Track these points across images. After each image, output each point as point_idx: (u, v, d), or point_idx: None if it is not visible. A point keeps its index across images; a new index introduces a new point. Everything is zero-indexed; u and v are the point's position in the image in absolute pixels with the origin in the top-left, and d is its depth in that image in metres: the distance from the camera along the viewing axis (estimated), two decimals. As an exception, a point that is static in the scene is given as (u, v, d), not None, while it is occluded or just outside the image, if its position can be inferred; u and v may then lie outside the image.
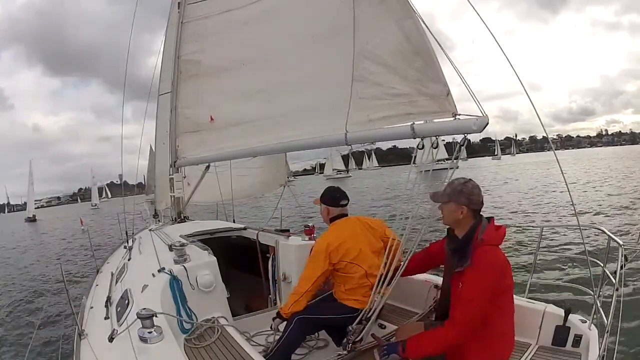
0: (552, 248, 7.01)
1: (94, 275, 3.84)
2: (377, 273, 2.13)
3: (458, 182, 1.83)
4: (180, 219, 4.92)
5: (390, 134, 2.14)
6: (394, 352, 1.81)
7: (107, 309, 2.40)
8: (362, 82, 2.17)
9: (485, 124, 1.70)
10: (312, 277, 2.21)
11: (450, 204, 1.82)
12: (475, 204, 1.79)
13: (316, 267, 2.21)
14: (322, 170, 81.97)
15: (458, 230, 1.85)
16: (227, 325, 2.26)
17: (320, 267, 2.21)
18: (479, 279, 1.64)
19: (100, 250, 9.12)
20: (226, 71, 3.54)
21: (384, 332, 2.42)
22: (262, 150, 3.28)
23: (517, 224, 10.23)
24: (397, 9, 2.01)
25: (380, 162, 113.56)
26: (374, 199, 22.12)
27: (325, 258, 2.20)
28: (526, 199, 16.38)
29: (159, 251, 2.88)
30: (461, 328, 1.65)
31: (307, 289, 2.21)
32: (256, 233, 3.43)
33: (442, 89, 1.90)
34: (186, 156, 4.17)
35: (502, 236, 1.78)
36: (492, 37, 1.75)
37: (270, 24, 3.09)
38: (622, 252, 2.07)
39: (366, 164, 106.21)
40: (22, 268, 12.27)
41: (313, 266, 2.24)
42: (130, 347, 1.68)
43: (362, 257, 2.22)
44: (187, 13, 3.83)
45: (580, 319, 2.05)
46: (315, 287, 2.23)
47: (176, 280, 2.29)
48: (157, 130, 6.37)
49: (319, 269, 2.20)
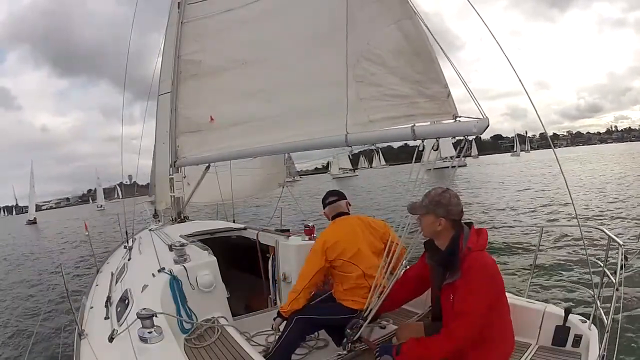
0: (552, 248, 7.01)
1: (94, 275, 3.85)
2: (375, 274, 2.14)
3: (435, 193, 1.77)
4: (180, 219, 4.93)
5: (391, 136, 2.14)
6: (387, 354, 1.79)
7: (107, 309, 2.40)
8: (362, 83, 2.17)
9: (485, 127, 1.69)
10: (309, 274, 2.23)
11: (428, 215, 1.77)
12: (454, 214, 1.74)
13: (313, 264, 2.23)
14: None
15: (439, 241, 1.81)
16: (227, 325, 2.26)
17: (317, 263, 2.22)
18: (474, 291, 1.61)
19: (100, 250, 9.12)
20: (226, 71, 3.54)
21: (384, 332, 2.42)
22: (262, 150, 3.28)
23: (517, 224, 10.22)
24: (397, 10, 2.01)
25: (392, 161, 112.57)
26: (372, 198, 22.10)
27: (321, 255, 2.22)
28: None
29: (159, 251, 2.88)
30: (458, 342, 1.62)
31: (304, 285, 2.22)
32: (256, 233, 3.43)
33: (443, 90, 1.90)
34: (186, 156, 4.17)
35: (485, 240, 1.75)
36: (492, 36, 1.74)
37: (270, 24, 3.09)
38: (622, 252, 2.07)
39: (375, 162, 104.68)
40: (22, 268, 12.28)
41: (309, 263, 2.26)
42: (130, 347, 1.68)
43: (359, 257, 2.22)
44: (187, 13, 3.83)
45: (580, 319, 2.04)
46: (312, 284, 2.24)
47: (176, 280, 2.30)
48: (157, 130, 6.37)
49: (316, 266, 2.22)
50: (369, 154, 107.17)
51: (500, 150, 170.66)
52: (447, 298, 1.70)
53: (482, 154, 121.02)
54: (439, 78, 1.92)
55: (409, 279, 2.13)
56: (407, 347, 1.73)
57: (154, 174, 6.91)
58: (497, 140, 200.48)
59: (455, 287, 1.66)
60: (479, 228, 1.80)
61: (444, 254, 1.76)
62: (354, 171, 73.35)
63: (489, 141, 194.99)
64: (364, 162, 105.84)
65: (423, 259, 2.05)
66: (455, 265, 1.68)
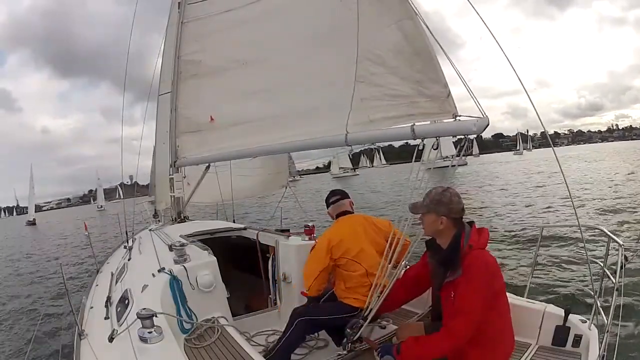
0: (552, 248, 7.01)
1: (94, 275, 3.85)
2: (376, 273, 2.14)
3: (436, 192, 1.79)
4: (180, 219, 4.93)
5: (391, 135, 2.14)
6: (388, 353, 1.80)
7: (107, 309, 2.40)
8: (362, 83, 2.17)
9: (485, 126, 1.70)
10: (313, 273, 2.24)
11: (429, 214, 1.79)
12: (456, 213, 1.76)
13: (318, 262, 2.24)
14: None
15: (440, 240, 1.82)
16: (227, 325, 2.26)
17: (322, 262, 2.22)
18: (473, 287, 1.62)
19: (100, 250, 9.12)
20: (226, 71, 3.54)
21: (384, 332, 2.42)
22: (262, 150, 3.28)
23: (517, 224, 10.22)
24: (397, 9, 2.01)
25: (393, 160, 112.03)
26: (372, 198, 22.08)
27: (327, 253, 2.22)
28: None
29: (159, 251, 2.88)
30: (457, 339, 1.63)
31: (310, 284, 2.24)
32: (256, 233, 3.43)
33: (443, 90, 1.91)
34: (186, 156, 4.17)
35: (486, 239, 1.77)
36: (492, 36, 1.75)
37: (270, 24, 3.09)
38: (622, 252, 2.07)
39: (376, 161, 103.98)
40: (22, 268, 12.29)
41: (314, 261, 2.26)
42: (130, 347, 1.68)
43: (363, 256, 2.23)
44: (187, 13, 3.83)
45: (580, 319, 2.04)
46: (318, 282, 2.25)
47: (176, 280, 2.30)
48: (157, 130, 6.37)
49: (321, 264, 2.22)
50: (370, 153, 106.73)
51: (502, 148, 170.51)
52: (448, 296, 1.70)
53: (484, 152, 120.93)
54: (439, 78, 1.92)
55: (409, 279, 2.13)
56: (406, 346, 1.74)
57: (154, 174, 6.91)
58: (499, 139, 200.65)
59: (456, 285, 1.67)
60: (480, 227, 1.81)
61: (446, 252, 1.77)
62: (354, 170, 72.75)
63: (491, 140, 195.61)
64: (365, 162, 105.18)
65: (423, 259, 2.06)
66: (457, 263, 1.69)
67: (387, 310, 2.23)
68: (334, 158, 60.97)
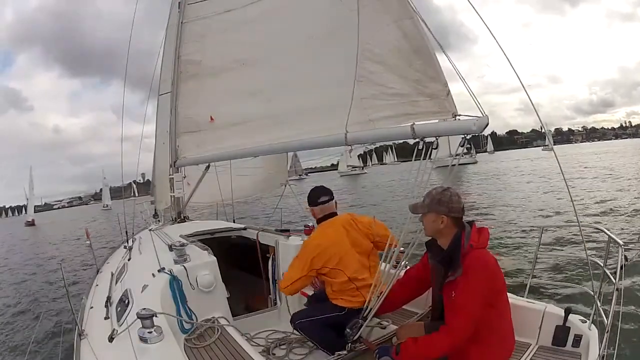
0: (552, 248, 7.00)
1: (94, 275, 3.85)
2: (362, 277, 2.17)
3: (436, 192, 1.79)
4: (180, 219, 4.93)
5: (391, 135, 2.14)
6: (386, 354, 1.80)
7: (107, 309, 2.40)
8: (362, 82, 2.17)
9: (485, 125, 1.70)
10: (291, 278, 2.24)
11: (430, 214, 1.79)
12: (456, 212, 1.76)
13: (297, 270, 2.24)
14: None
15: (441, 240, 1.82)
16: (227, 325, 2.26)
17: (302, 271, 2.22)
18: (472, 286, 1.62)
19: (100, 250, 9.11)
20: (226, 71, 3.54)
21: (384, 332, 2.42)
22: (262, 150, 3.28)
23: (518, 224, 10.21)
24: (396, 8, 2.01)
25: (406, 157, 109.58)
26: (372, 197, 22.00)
27: (308, 264, 2.21)
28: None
29: (159, 251, 2.88)
30: (456, 337, 1.63)
31: (286, 285, 2.26)
32: (256, 233, 3.43)
33: (442, 89, 1.91)
34: (186, 156, 4.17)
35: (487, 238, 1.77)
36: (492, 35, 1.74)
37: (270, 24, 3.09)
38: (622, 252, 2.07)
39: (388, 159, 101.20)
40: (22, 268, 12.28)
41: (295, 267, 2.26)
42: (130, 347, 1.68)
43: (345, 263, 2.20)
44: (187, 13, 3.83)
45: (580, 319, 2.04)
46: (294, 287, 2.26)
47: (176, 280, 2.30)
48: (157, 130, 6.38)
49: (299, 272, 2.22)
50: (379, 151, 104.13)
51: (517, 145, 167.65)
52: (449, 296, 1.70)
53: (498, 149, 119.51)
54: (439, 76, 1.92)
55: (409, 279, 2.13)
56: (405, 347, 1.74)
57: (155, 174, 6.91)
58: (513, 136, 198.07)
59: (456, 284, 1.67)
60: (481, 227, 1.81)
61: (446, 252, 1.77)
62: (362, 169, 70.90)
63: (505, 136, 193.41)
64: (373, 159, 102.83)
65: (423, 260, 2.06)
66: (457, 262, 1.69)
67: (387, 310, 2.23)
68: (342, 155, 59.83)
